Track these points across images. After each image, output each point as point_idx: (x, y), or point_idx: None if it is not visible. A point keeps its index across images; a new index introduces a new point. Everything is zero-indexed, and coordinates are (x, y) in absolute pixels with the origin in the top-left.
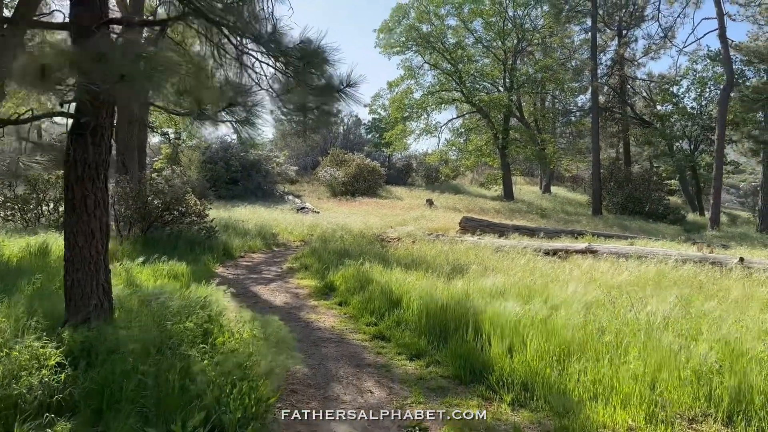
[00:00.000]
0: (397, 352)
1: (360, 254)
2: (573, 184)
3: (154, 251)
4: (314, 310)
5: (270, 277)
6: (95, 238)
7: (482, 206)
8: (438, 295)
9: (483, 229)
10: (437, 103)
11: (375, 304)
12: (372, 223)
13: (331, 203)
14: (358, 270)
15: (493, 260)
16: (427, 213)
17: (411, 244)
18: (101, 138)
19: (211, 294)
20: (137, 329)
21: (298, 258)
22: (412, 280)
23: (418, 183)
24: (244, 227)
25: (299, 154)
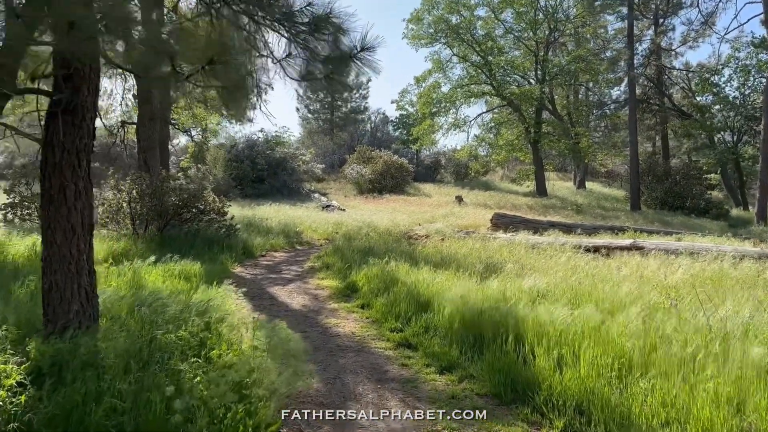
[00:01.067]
0: (425, 364)
1: (385, 252)
2: (608, 180)
3: (170, 250)
4: (334, 314)
5: (289, 277)
6: (76, 235)
7: (514, 202)
8: (471, 297)
9: (516, 226)
10: (466, 96)
11: (401, 307)
12: (399, 221)
13: (357, 201)
14: (383, 269)
15: (529, 258)
16: (456, 210)
17: (440, 241)
18: (82, 119)
19: (215, 297)
20: (121, 339)
21: (321, 257)
22: (442, 281)
23: (446, 180)
24: (267, 225)
25: (326, 152)
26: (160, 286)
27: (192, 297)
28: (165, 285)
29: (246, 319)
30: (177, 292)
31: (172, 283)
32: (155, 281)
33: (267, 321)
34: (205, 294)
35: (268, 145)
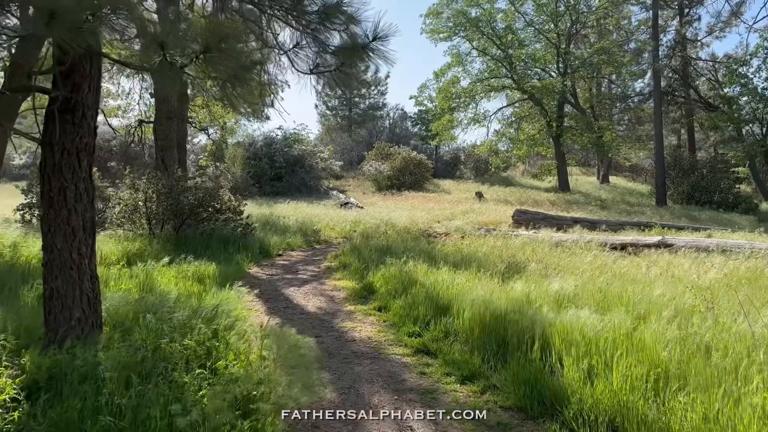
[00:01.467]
0: (444, 372)
1: (404, 251)
2: (632, 174)
3: (186, 251)
4: (350, 317)
5: (305, 277)
6: (77, 238)
7: (536, 198)
8: (494, 300)
9: (538, 223)
10: (486, 90)
11: (419, 310)
12: (418, 218)
13: (376, 198)
14: (401, 270)
15: (553, 257)
16: (476, 206)
17: (460, 239)
18: (82, 117)
19: (226, 301)
20: (124, 350)
21: (338, 256)
22: (462, 282)
23: (466, 176)
24: (285, 224)
25: (344, 149)
26: (172, 288)
27: (203, 301)
28: (177, 287)
29: (257, 325)
30: (188, 296)
31: (185, 286)
32: (167, 283)
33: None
34: (216, 297)
35: (286, 143)
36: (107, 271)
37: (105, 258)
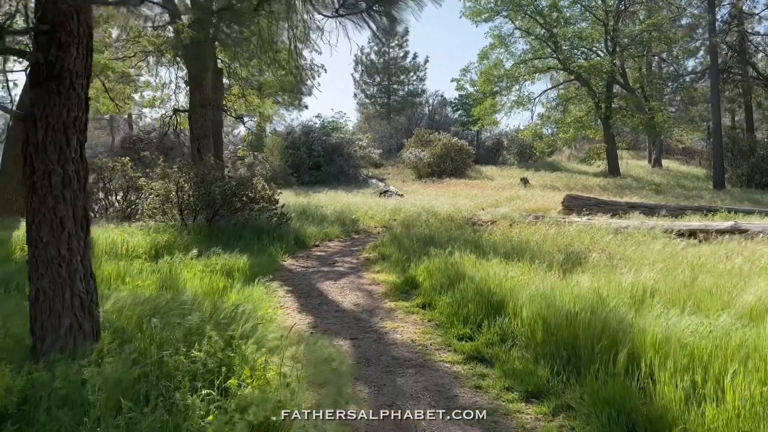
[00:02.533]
0: (504, 386)
1: (448, 241)
2: (685, 157)
3: (218, 242)
4: (390, 315)
5: (342, 270)
6: (66, 231)
7: (585, 183)
8: (556, 297)
9: (591, 208)
10: (530, 72)
11: (469, 308)
12: (461, 205)
13: (416, 186)
14: (446, 261)
15: (616, 246)
16: (522, 192)
17: (508, 227)
18: (71, 87)
19: (250, 299)
20: (120, 364)
21: (377, 246)
22: (517, 275)
23: (509, 161)
24: (322, 213)
25: (383, 137)
26: (196, 285)
27: (225, 299)
28: (201, 283)
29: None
30: (210, 293)
31: (211, 281)
32: (192, 279)
33: (310, 330)
34: (241, 295)
35: (324, 131)
36: (128, 265)
37: (132, 251)
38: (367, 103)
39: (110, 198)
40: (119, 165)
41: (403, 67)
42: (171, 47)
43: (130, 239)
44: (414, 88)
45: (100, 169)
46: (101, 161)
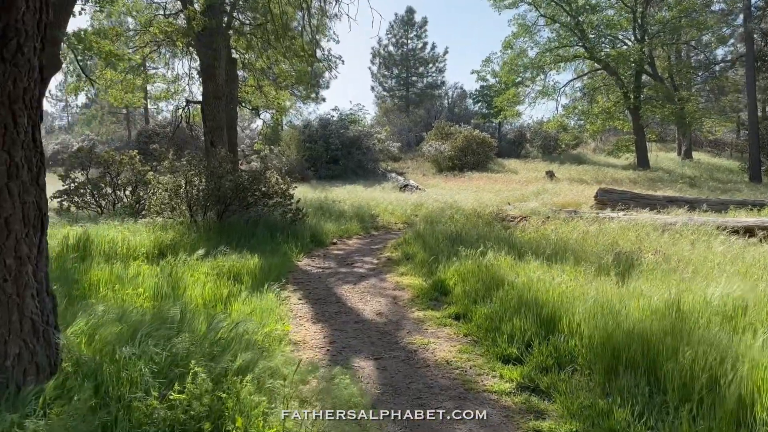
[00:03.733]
0: (572, 431)
1: (477, 239)
2: (714, 149)
3: (228, 240)
4: (419, 328)
5: (362, 272)
6: (12, 234)
7: (614, 176)
8: (620, 310)
9: (626, 203)
10: (555, 61)
11: (513, 323)
12: (486, 200)
13: (437, 179)
14: (479, 263)
15: (669, 245)
16: (548, 186)
17: (542, 224)
18: (18, 51)
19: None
20: (74, 412)
21: (399, 245)
22: (565, 280)
23: (532, 154)
24: (340, 209)
25: (402, 130)
26: (197, 292)
27: (228, 310)
28: (205, 290)
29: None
30: (213, 302)
31: (216, 287)
32: (195, 284)
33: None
34: (247, 305)
35: (341, 124)
36: (124, 268)
37: (133, 250)
38: (386, 96)
39: (118, 193)
40: (126, 158)
41: (421, 59)
42: (182, 35)
43: (132, 237)
44: (433, 80)
45: (106, 162)
46: (108, 154)
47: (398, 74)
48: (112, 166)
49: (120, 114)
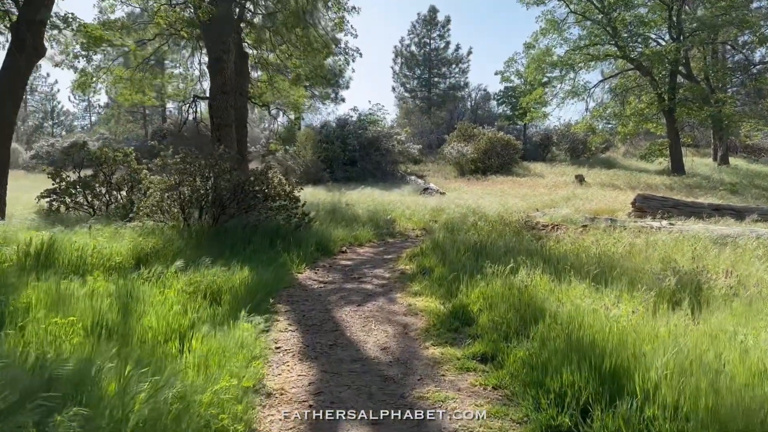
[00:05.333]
0: None
1: (506, 253)
2: (751, 155)
3: (221, 247)
4: (434, 373)
5: (370, 288)
6: None
7: (648, 182)
8: (718, 367)
9: (667, 211)
10: (585, 60)
11: (563, 377)
12: (512, 206)
13: (458, 183)
14: (510, 284)
15: (738, 263)
16: (579, 191)
17: (579, 234)
18: None
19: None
20: None
21: (415, 255)
22: (624, 313)
23: (560, 158)
24: (353, 213)
25: (423, 132)
26: (153, 321)
27: (190, 348)
28: (169, 316)
29: None
30: (170, 335)
31: (181, 311)
32: (159, 306)
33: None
34: (210, 342)
35: (360, 124)
36: (75, 284)
37: (106, 260)
38: (407, 97)
39: (114, 193)
40: (121, 156)
41: (444, 59)
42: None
43: (107, 245)
44: (456, 81)
45: (98, 160)
46: (100, 151)
47: (420, 75)
48: (106, 164)
49: (137, 113)
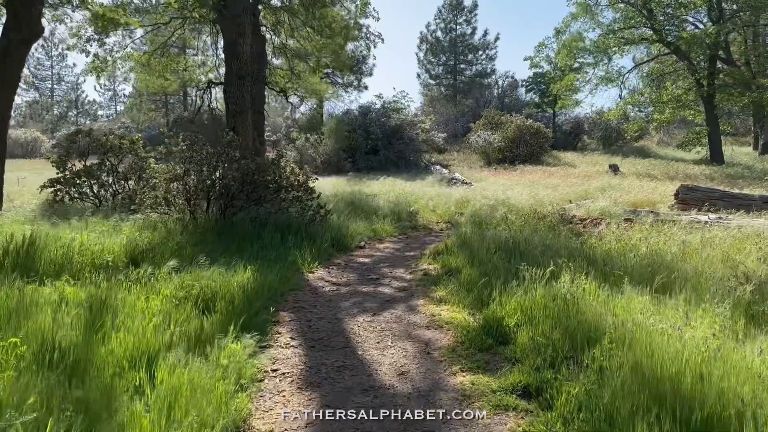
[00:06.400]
0: None
1: (544, 251)
2: None
3: (228, 243)
4: (463, 413)
5: (389, 292)
6: None
7: (686, 172)
8: None
9: (714, 203)
10: (619, 44)
11: (636, 428)
12: (543, 197)
13: (485, 173)
14: (553, 294)
15: None
16: (614, 182)
17: (625, 230)
18: None
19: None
20: None
21: (440, 253)
22: (702, 334)
23: (591, 146)
24: (374, 204)
25: (448, 120)
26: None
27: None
28: (147, 330)
29: None
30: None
31: (170, 324)
32: (139, 318)
33: None
34: (176, 375)
35: (383, 112)
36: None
37: (95, 258)
38: (432, 85)
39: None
40: (127, 143)
41: (471, 45)
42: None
43: (99, 240)
44: (483, 68)
45: (104, 147)
46: (106, 138)
47: (446, 61)
48: (111, 152)
49: (159, 101)
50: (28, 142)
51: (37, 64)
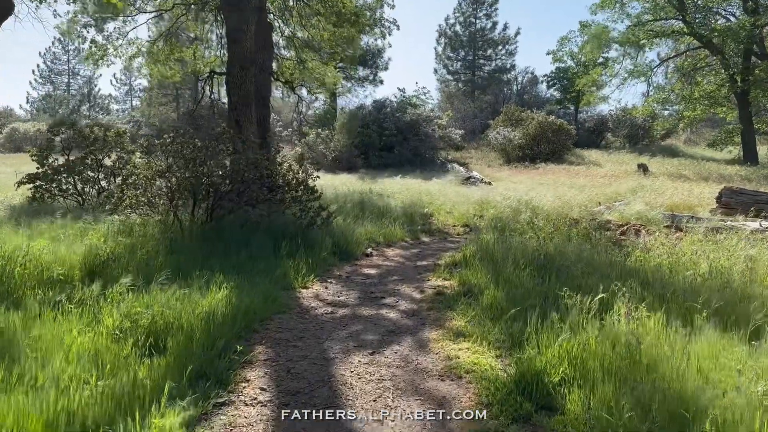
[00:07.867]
0: None
1: (586, 268)
2: None
3: (211, 251)
4: None
5: (394, 318)
6: None
7: (720, 172)
8: None
9: (762, 207)
10: (648, 37)
11: None
12: (569, 199)
13: (504, 172)
14: (612, 337)
15: None
16: (645, 182)
17: (671, 238)
18: None
19: None
20: None
21: (457, 264)
22: None
23: (615, 145)
24: (385, 205)
25: (465, 116)
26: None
27: None
28: (61, 379)
29: None
30: None
31: (92, 377)
32: (50, 367)
33: None
34: None
35: (399, 107)
36: None
37: (46, 271)
38: (449, 80)
39: (108, 179)
40: (112, 136)
41: (490, 40)
42: None
43: (51, 249)
44: (502, 63)
45: (86, 139)
46: (90, 129)
47: (464, 56)
48: (95, 146)
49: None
50: (36, 137)
51: (53, 59)
